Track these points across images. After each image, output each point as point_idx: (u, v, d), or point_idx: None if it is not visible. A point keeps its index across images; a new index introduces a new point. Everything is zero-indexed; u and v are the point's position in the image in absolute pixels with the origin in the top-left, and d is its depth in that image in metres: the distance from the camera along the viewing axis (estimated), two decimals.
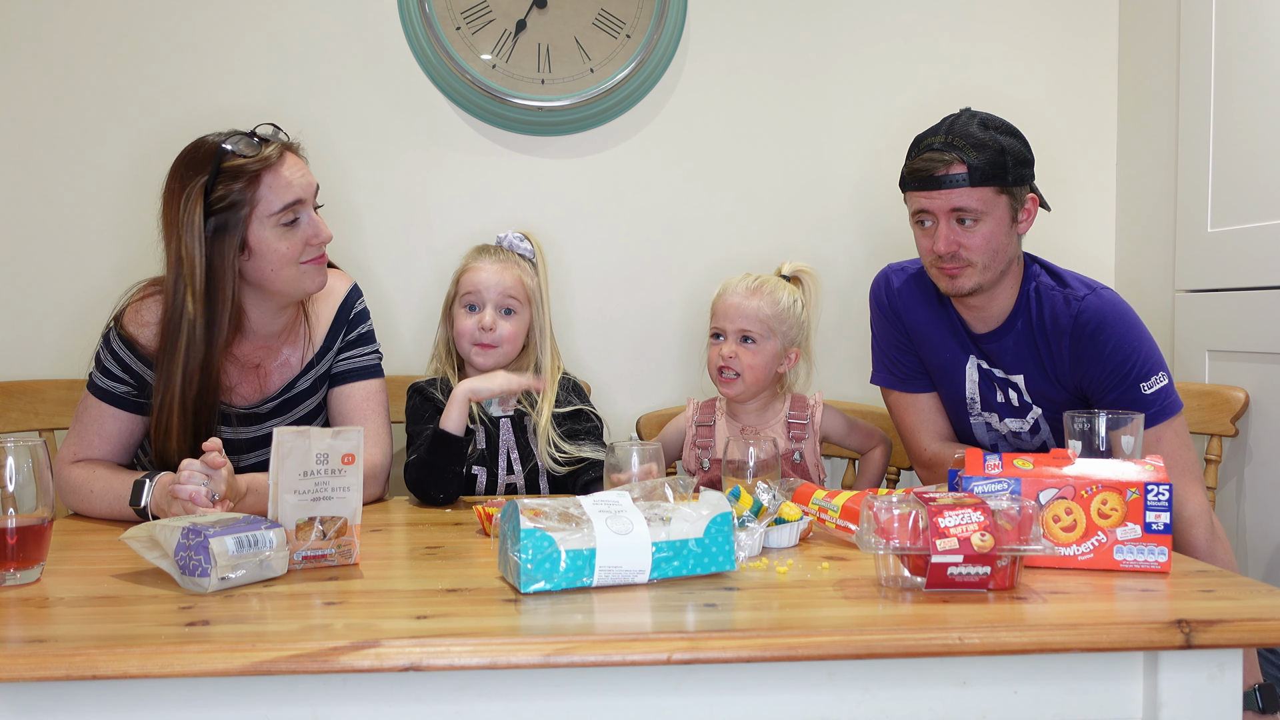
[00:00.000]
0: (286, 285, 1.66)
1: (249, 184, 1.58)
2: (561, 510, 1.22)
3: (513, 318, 1.87)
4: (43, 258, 2.29)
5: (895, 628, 1.04)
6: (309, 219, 1.66)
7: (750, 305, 1.86)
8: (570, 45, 2.35)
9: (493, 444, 1.84)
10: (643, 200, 2.43)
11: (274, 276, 1.65)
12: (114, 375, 1.66)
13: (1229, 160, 2.11)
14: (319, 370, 1.78)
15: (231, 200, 1.58)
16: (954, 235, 1.69)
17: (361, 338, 1.82)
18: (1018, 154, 1.69)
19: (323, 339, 1.78)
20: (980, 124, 1.70)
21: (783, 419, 1.91)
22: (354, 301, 1.83)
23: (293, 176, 1.62)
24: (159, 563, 1.22)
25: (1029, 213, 1.74)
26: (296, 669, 0.98)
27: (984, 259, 1.70)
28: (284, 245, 1.63)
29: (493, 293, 1.86)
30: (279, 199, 1.60)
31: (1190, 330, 2.22)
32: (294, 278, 1.66)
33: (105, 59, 2.29)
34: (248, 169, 1.58)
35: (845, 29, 2.46)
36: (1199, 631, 1.04)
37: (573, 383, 1.98)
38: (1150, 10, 2.40)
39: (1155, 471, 1.27)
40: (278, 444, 1.27)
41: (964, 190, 1.67)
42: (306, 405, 1.78)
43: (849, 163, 2.45)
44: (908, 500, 1.19)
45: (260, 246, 1.62)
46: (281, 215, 1.61)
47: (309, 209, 1.66)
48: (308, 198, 1.65)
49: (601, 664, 1.01)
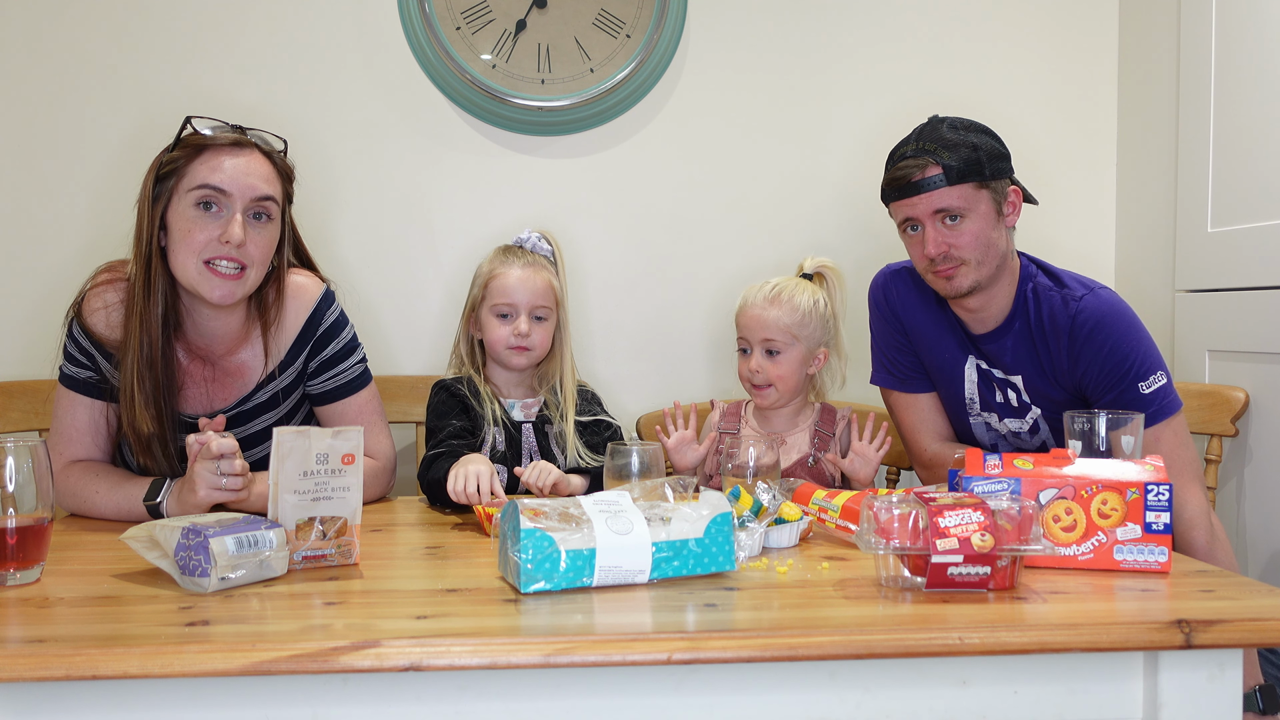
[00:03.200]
0: (188, 279, 1.58)
1: (189, 157, 1.56)
2: (561, 510, 1.22)
3: (543, 323, 1.89)
4: (42, 258, 2.29)
5: (895, 628, 1.04)
6: (231, 217, 1.55)
7: (770, 315, 1.86)
8: (570, 45, 2.35)
9: (515, 446, 1.85)
10: (643, 200, 2.43)
11: (178, 263, 1.57)
12: (77, 362, 1.63)
13: (1229, 160, 2.11)
14: (280, 384, 1.70)
15: (169, 169, 1.57)
16: (942, 236, 1.70)
17: (340, 352, 1.73)
18: (990, 149, 1.70)
19: (286, 349, 1.70)
20: (949, 126, 1.72)
21: (810, 426, 1.90)
22: (324, 313, 1.72)
23: (232, 166, 1.55)
24: (159, 563, 1.22)
25: (1013, 205, 1.75)
26: (296, 669, 0.97)
27: (975, 255, 1.71)
28: (191, 229, 1.55)
29: (525, 301, 1.86)
30: (201, 177, 1.54)
31: (1190, 330, 2.22)
32: (194, 274, 1.56)
33: (103, 60, 2.29)
34: (196, 143, 1.57)
35: (845, 29, 2.46)
36: (1199, 631, 1.04)
37: (591, 393, 1.99)
38: (1150, 10, 2.40)
39: (1155, 471, 1.28)
40: (278, 444, 1.27)
41: (943, 191, 1.68)
42: (266, 418, 1.71)
43: (849, 162, 2.45)
44: (908, 500, 1.19)
45: (173, 223, 1.57)
46: (197, 195, 1.54)
47: (235, 208, 1.55)
48: (234, 193, 1.55)
49: (601, 664, 1.01)
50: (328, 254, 2.31)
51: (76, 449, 1.65)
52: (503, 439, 1.85)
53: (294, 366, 1.71)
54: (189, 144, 1.57)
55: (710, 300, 2.43)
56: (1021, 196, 1.76)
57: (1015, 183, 1.76)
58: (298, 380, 1.73)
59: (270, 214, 1.61)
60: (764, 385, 1.87)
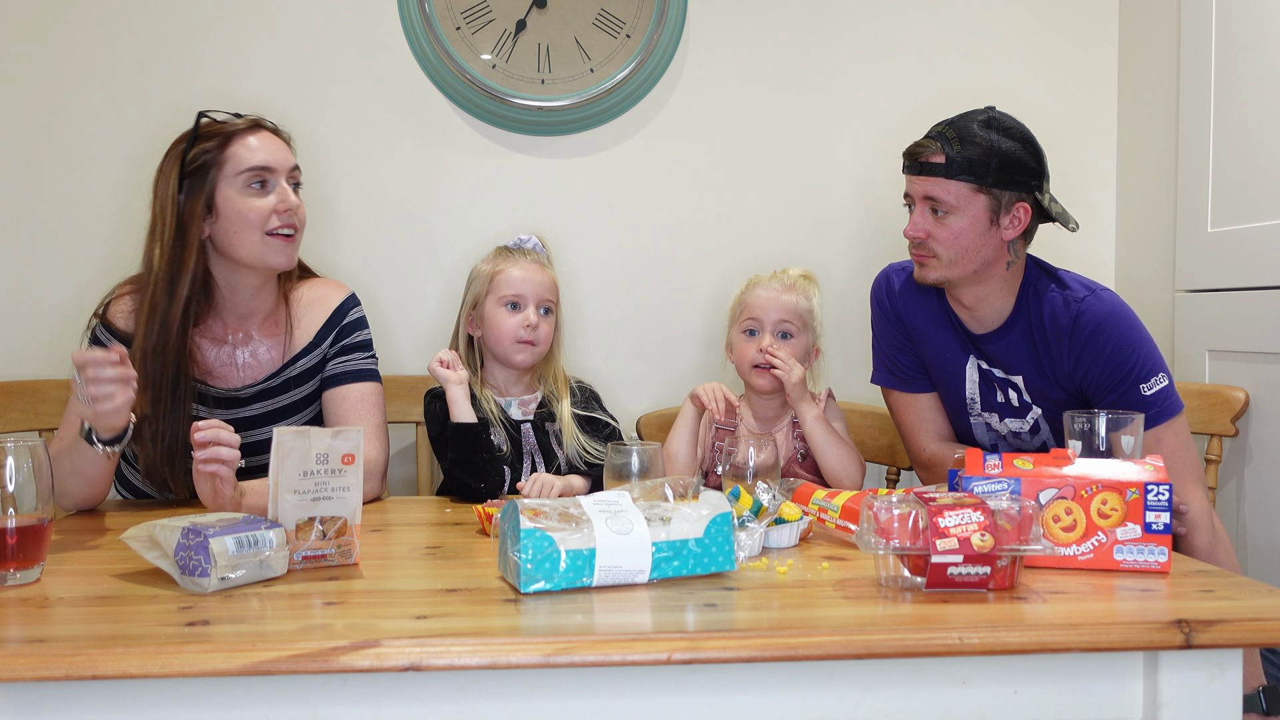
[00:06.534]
0: (251, 254, 1.69)
1: (220, 146, 1.67)
2: (561, 510, 1.21)
3: (549, 317, 1.92)
4: (41, 258, 2.29)
5: (895, 628, 1.04)
6: (279, 188, 1.70)
7: (788, 299, 1.88)
8: (570, 45, 2.35)
9: (516, 446, 1.87)
10: (643, 200, 2.43)
11: (238, 242, 1.68)
12: None
13: (1229, 160, 2.11)
14: (303, 366, 1.79)
15: (202, 161, 1.66)
16: (924, 223, 1.71)
17: (358, 345, 1.84)
18: (1011, 158, 1.67)
19: (310, 337, 1.80)
20: (985, 122, 1.69)
21: (791, 419, 1.91)
22: (349, 309, 1.85)
23: (263, 145, 1.70)
24: (159, 563, 1.22)
25: (1016, 220, 1.70)
26: (296, 669, 0.98)
27: (950, 254, 1.71)
28: (246, 208, 1.67)
29: (534, 293, 1.90)
30: (246, 160, 1.67)
31: (1190, 330, 2.22)
32: (258, 247, 1.69)
33: (104, 61, 2.29)
34: (219, 132, 1.68)
35: (845, 29, 2.46)
36: (1199, 631, 1.04)
37: (590, 391, 2.00)
38: (1150, 10, 2.40)
39: (1155, 471, 1.27)
40: (278, 444, 1.27)
41: (938, 180, 1.68)
42: (284, 398, 1.79)
43: (849, 162, 2.45)
44: (908, 500, 1.19)
45: (226, 207, 1.67)
46: (248, 176, 1.67)
47: (280, 180, 1.71)
48: (278, 168, 1.70)
49: (601, 664, 1.01)
50: (328, 254, 2.31)
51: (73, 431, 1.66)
52: (503, 438, 1.85)
53: (319, 350, 1.81)
54: (213, 134, 1.68)
55: (710, 300, 2.43)
56: (1031, 215, 1.71)
57: (1037, 200, 1.70)
58: (320, 364, 1.82)
59: (300, 182, 1.77)
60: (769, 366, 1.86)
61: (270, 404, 1.78)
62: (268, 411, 1.77)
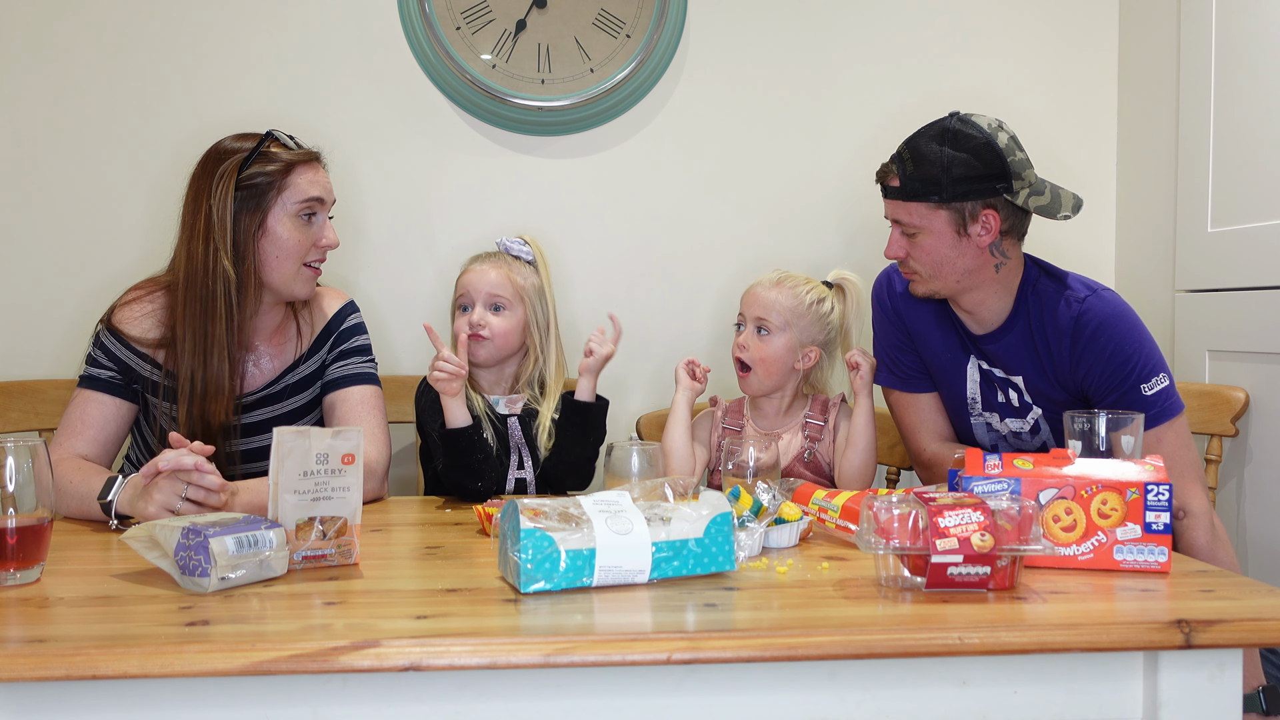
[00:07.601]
0: (281, 280, 1.74)
1: (283, 171, 1.71)
2: (561, 510, 1.21)
3: (502, 314, 1.91)
4: (42, 258, 2.29)
5: (895, 628, 1.04)
6: (324, 222, 1.77)
7: (770, 295, 1.87)
8: (570, 45, 2.35)
9: (503, 441, 1.87)
10: (643, 200, 2.43)
11: (275, 266, 1.72)
12: (100, 364, 1.72)
13: (1229, 160, 2.11)
14: (303, 372, 1.82)
15: (262, 181, 1.70)
16: (900, 244, 1.74)
17: (356, 350, 1.86)
18: (964, 170, 1.63)
19: (309, 344, 1.83)
20: (938, 135, 1.66)
21: (802, 420, 1.91)
22: (347, 315, 1.88)
23: (319, 178, 1.77)
24: (159, 563, 1.22)
25: (987, 227, 1.67)
26: (296, 669, 0.98)
27: (927, 270, 1.73)
28: (296, 237, 1.72)
29: (480, 291, 1.90)
30: (306, 191, 1.72)
31: (1190, 330, 2.22)
32: (290, 275, 1.74)
33: (107, 63, 2.29)
34: (284, 157, 1.72)
35: (846, 29, 2.46)
36: (1199, 631, 1.04)
37: None
38: (1150, 10, 2.40)
39: (1155, 471, 1.27)
40: (278, 444, 1.27)
41: (898, 203, 1.71)
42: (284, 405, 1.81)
43: (850, 162, 2.45)
44: (908, 500, 1.19)
45: (276, 230, 1.71)
46: (303, 207, 1.72)
47: (325, 214, 1.78)
48: (328, 201, 1.78)
49: (601, 664, 1.01)
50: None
51: (77, 443, 1.68)
52: (490, 433, 1.86)
53: (318, 356, 1.84)
54: (279, 159, 1.71)
55: (711, 300, 2.43)
56: (1001, 219, 1.67)
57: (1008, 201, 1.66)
58: (320, 370, 1.84)
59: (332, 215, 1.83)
60: (746, 366, 1.86)
61: (271, 410, 1.79)
62: (269, 418, 1.78)
